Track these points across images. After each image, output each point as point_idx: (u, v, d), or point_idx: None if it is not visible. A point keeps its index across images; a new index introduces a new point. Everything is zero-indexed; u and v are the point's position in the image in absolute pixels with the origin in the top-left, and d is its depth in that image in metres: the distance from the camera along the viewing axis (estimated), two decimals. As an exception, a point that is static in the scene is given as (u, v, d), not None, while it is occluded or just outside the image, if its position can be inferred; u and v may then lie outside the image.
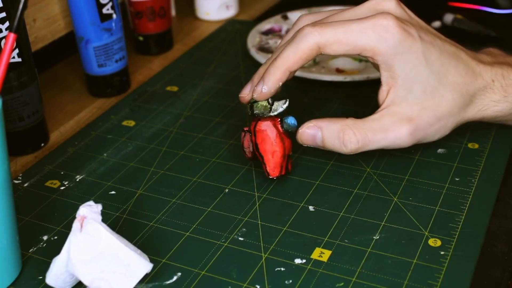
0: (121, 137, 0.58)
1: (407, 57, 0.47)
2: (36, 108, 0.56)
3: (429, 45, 0.47)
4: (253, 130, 0.49)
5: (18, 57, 0.53)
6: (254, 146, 0.49)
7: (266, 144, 0.49)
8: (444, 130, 0.49)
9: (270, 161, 0.49)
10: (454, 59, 0.48)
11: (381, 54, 0.47)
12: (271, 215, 0.48)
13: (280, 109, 0.49)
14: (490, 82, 0.49)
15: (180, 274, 0.43)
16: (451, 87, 0.48)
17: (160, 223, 0.48)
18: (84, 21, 0.62)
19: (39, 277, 0.43)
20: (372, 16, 0.47)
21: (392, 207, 0.48)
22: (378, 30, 0.46)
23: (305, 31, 0.47)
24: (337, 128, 0.48)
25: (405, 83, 0.47)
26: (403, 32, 0.46)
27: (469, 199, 0.48)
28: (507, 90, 0.50)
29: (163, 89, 0.66)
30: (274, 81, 0.48)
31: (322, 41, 0.46)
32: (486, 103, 0.50)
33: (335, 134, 0.48)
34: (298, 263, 0.43)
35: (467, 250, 0.43)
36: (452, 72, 0.48)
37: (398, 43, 0.46)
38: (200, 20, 0.83)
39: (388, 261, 0.43)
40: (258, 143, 0.49)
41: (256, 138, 0.49)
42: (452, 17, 0.75)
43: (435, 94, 0.48)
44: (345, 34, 0.46)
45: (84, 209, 0.40)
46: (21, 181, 0.53)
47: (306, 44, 0.47)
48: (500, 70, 0.50)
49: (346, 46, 0.47)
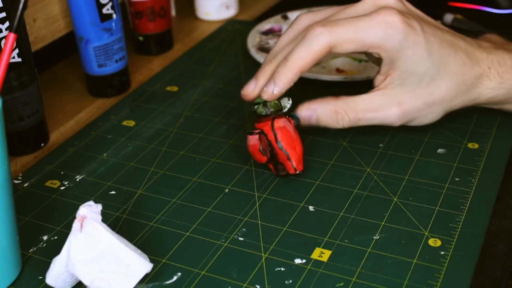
0: (121, 137, 0.58)
1: (411, 52, 0.48)
2: (36, 108, 0.56)
3: (430, 37, 0.48)
4: (271, 129, 0.49)
5: (18, 57, 0.53)
6: (276, 144, 0.49)
7: (289, 139, 0.49)
8: (434, 116, 0.51)
9: (294, 156, 0.49)
10: (453, 49, 0.49)
11: (387, 51, 0.47)
12: (271, 215, 0.48)
13: (288, 105, 0.50)
14: (487, 69, 0.50)
15: (180, 274, 0.43)
16: (448, 77, 0.49)
17: (160, 223, 0.48)
18: (84, 21, 0.61)
19: (39, 277, 0.43)
20: (376, 12, 0.47)
21: (392, 207, 0.48)
22: (384, 27, 0.47)
23: (316, 32, 0.47)
24: (330, 108, 0.50)
25: (402, 75, 0.49)
26: (407, 28, 0.47)
27: (469, 199, 0.48)
28: (503, 76, 0.50)
29: (163, 89, 0.66)
30: (286, 82, 0.48)
31: (333, 41, 0.47)
32: (481, 91, 0.51)
33: (328, 114, 0.50)
34: (298, 263, 0.43)
35: (467, 250, 0.43)
36: (451, 62, 0.49)
37: (403, 39, 0.47)
38: (200, 20, 0.83)
39: (388, 261, 0.43)
40: (281, 141, 0.49)
41: (278, 136, 0.49)
42: (452, 17, 0.75)
43: (430, 84, 0.49)
44: (354, 33, 0.47)
45: (84, 209, 0.40)
46: (21, 181, 0.53)
47: (317, 44, 0.47)
48: (496, 57, 0.51)
49: (355, 44, 0.47)
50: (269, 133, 0.49)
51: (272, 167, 0.51)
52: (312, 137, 0.56)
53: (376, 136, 0.56)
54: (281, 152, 0.49)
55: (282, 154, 0.49)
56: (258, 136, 0.49)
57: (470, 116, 0.57)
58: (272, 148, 0.49)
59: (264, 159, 0.49)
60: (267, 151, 0.49)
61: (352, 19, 0.47)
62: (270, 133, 0.49)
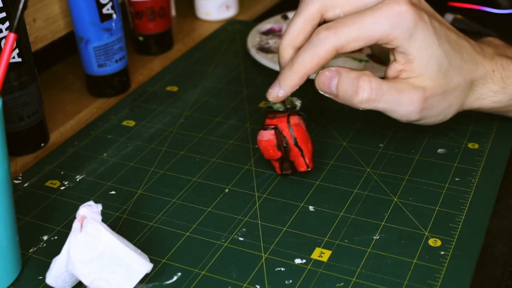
0: (121, 137, 0.58)
1: (421, 37, 0.47)
2: (36, 108, 0.56)
3: (437, 30, 0.48)
4: (286, 125, 0.48)
5: (18, 57, 0.53)
6: (292, 140, 0.49)
7: (303, 136, 0.49)
8: (447, 112, 0.49)
9: (308, 153, 0.49)
10: (458, 47, 0.49)
11: (396, 39, 0.46)
12: (271, 215, 0.48)
13: (299, 104, 0.50)
14: (491, 71, 0.50)
15: (180, 274, 0.43)
16: (457, 71, 0.49)
17: (160, 223, 0.48)
18: (84, 21, 0.61)
19: (39, 277, 0.43)
20: (383, 2, 0.46)
21: (392, 207, 0.48)
22: (390, 17, 0.46)
23: (320, 36, 0.46)
24: (355, 74, 0.47)
25: (421, 62, 0.47)
26: (416, 15, 0.46)
27: (469, 199, 0.48)
28: (506, 81, 0.50)
29: (163, 89, 0.66)
30: (291, 86, 0.48)
31: (339, 42, 0.46)
32: (484, 92, 0.50)
33: (350, 80, 0.46)
34: (298, 263, 0.43)
35: (467, 250, 0.43)
36: (457, 59, 0.49)
37: (412, 26, 0.46)
38: (200, 20, 0.83)
39: (388, 261, 0.43)
40: (297, 137, 0.49)
41: (294, 132, 0.49)
42: (452, 17, 0.75)
43: (447, 74, 0.48)
44: (360, 30, 0.46)
45: (84, 209, 0.40)
46: (21, 181, 0.53)
47: (323, 48, 0.46)
48: (500, 61, 0.50)
49: (363, 41, 0.47)
50: (284, 129, 0.49)
51: (278, 165, 0.51)
52: (312, 137, 0.56)
53: (376, 136, 0.56)
54: (295, 148, 0.49)
55: (296, 151, 0.49)
56: (273, 131, 0.49)
57: (470, 116, 0.57)
58: (287, 144, 0.49)
59: (279, 154, 0.49)
60: (282, 147, 0.49)
61: (357, 15, 0.46)
62: (286, 129, 0.49)
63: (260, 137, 0.49)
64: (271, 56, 0.69)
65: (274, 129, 0.49)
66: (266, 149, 0.49)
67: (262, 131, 0.49)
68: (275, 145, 0.48)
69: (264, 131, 0.49)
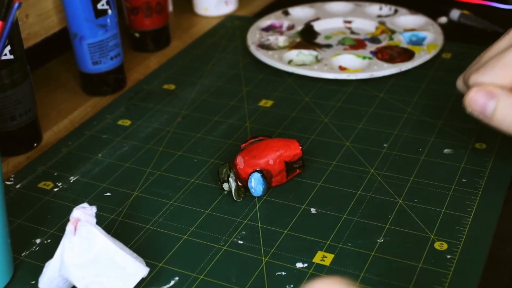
0: (117, 137, 0.58)
1: None
2: (29, 107, 0.56)
3: None
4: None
5: (10, 54, 0.52)
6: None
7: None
8: None
9: None
10: None
11: None
12: (271, 217, 0.47)
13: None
14: None
15: (178, 279, 0.43)
16: None
17: (157, 225, 0.47)
18: (78, 17, 0.61)
19: (32, 281, 0.43)
20: None
21: (397, 209, 0.47)
22: None
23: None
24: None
25: None
26: None
27: (476, 201, 0.48)
28: None
29: (160, 87, 0.66)
30: None
31: None
32: None
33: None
34: (300, 267, 0.43)
35: (474, 254, 0.43)
36: None
37: None
38: (199, 16, 0.83)
39: (393, 265, 0.43)
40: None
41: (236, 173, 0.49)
42: (459, 12, 0.75)
43: None
44: (503, 70, 0.44)
45: (78, 211, 0.40)
46: (13, 182, 0.53)
47: None
48: None
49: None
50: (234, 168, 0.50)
51: (285, 175, 0.50)
52: (313, 137, 0.56)
53: (380, 136, 0.55)
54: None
55: None
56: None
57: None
58: None
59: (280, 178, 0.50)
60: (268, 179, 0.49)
61: (497, 57, 0.44)
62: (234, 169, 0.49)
63: None
64: (272, 53, 0.68)
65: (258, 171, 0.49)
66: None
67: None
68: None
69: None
